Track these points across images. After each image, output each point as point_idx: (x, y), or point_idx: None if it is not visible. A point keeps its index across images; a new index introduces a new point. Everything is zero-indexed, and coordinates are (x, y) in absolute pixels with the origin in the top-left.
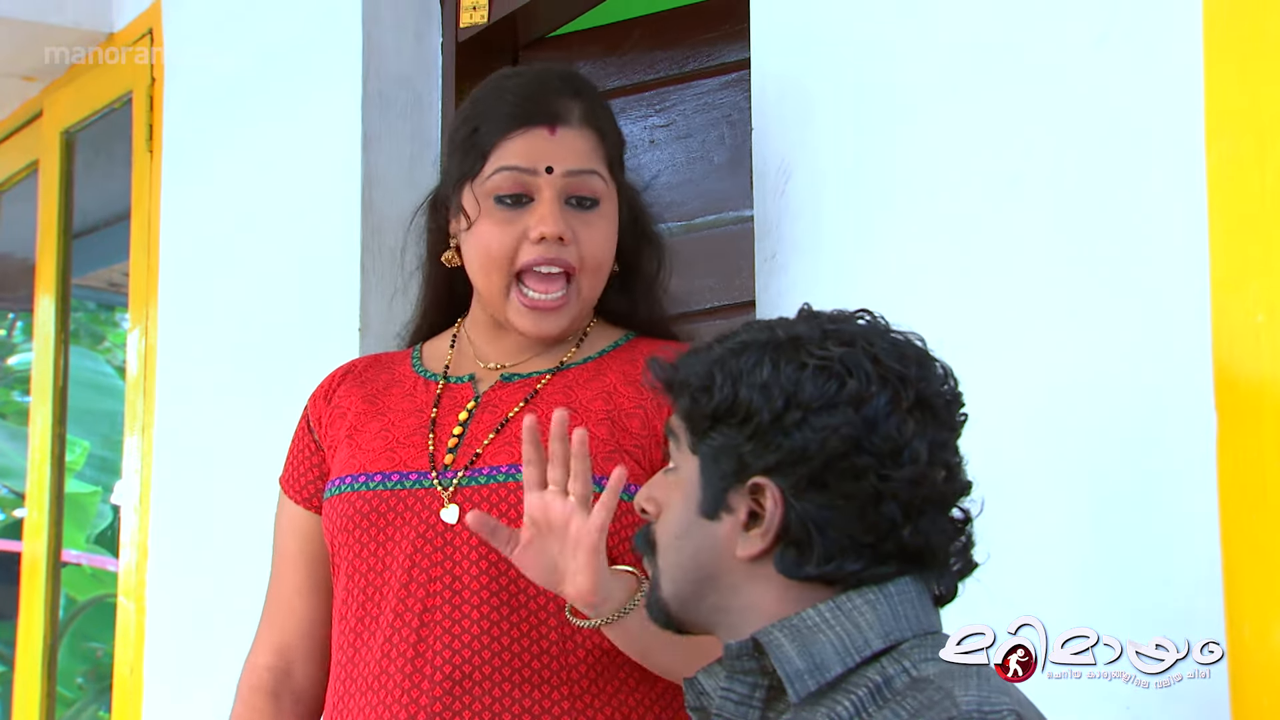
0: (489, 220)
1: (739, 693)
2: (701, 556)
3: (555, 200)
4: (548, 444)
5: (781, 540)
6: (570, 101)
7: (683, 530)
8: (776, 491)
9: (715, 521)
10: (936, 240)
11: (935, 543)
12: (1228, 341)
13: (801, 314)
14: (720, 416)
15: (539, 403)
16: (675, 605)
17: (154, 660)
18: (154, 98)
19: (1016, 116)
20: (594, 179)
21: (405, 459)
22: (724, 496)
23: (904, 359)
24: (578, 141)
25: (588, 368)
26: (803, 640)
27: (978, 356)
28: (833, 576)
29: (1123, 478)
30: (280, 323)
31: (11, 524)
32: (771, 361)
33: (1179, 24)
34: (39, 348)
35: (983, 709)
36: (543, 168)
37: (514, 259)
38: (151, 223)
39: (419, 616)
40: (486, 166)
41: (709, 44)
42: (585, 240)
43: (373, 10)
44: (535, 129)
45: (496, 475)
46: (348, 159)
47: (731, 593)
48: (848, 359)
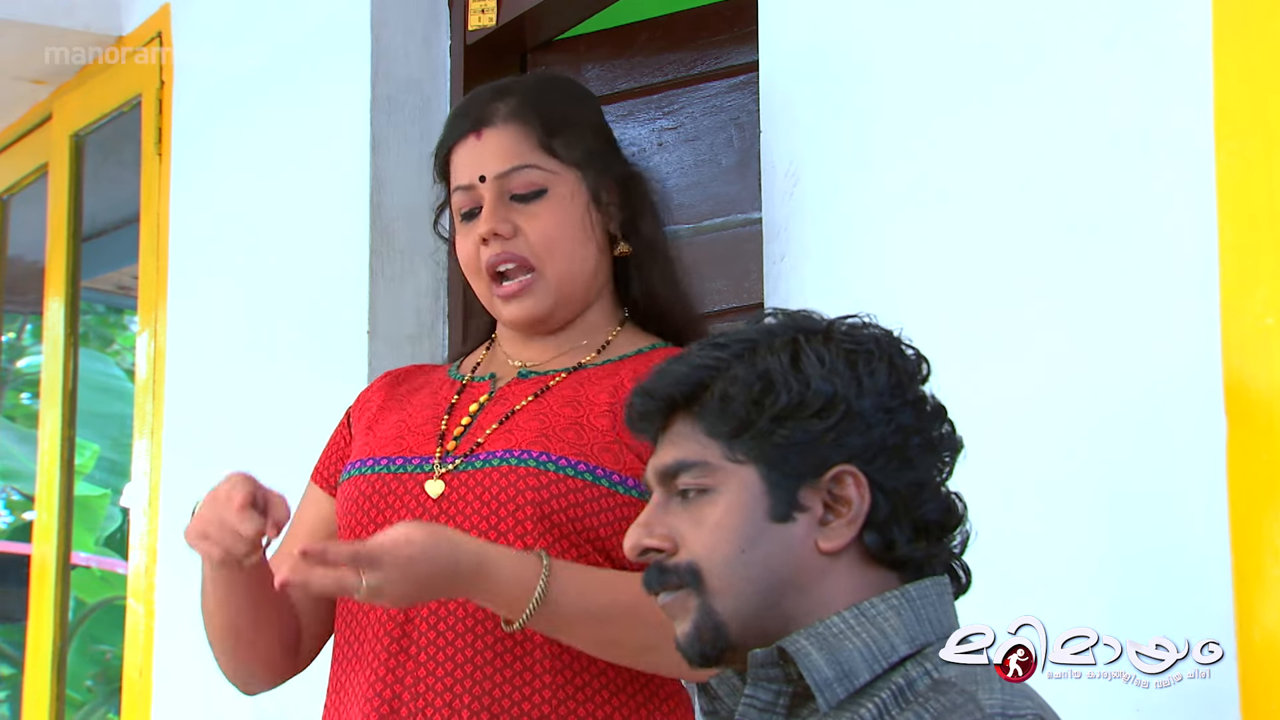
0: (458, 235)
1: (762, 700)
2: (775, 563)
3: (492, 204)
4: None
5: (866, 526)
6: (495, 103)
7: (749, 543)
8: (862, 477)
9: (788, 524)
10: (945, 243)
11: (962, 511)
12: (1237, 344)
13: (761, 318)
14: (789, 413)
15: (548, 397)
16: (737, 625)
17: (163, 662)
18: (163, 101)
19: (1026, 120)
20: (529, 172)
21: (412, 445)
22: (797, 495)
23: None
24: (503, 140)
25: (605, 368)
26: (830, 648)
27: (986, 359)
28: (918, 558)
29: (1132, 481)
30: (289, 325)
31: (21, 526)
32: (817, 353)
33: (1188, 28)
34: (48, 350)
35: (1007, 712)
36: (477, 178)
37: (478, 264)
38: (160, 226)
39: None
40: (450, 188)
41: (717, 46)
42: (531, 232)
43: (381, 14)
44: (465, 140)
45: (492, 460)
46: (356, 162)
47: (803, 593)
48: (881, 341)
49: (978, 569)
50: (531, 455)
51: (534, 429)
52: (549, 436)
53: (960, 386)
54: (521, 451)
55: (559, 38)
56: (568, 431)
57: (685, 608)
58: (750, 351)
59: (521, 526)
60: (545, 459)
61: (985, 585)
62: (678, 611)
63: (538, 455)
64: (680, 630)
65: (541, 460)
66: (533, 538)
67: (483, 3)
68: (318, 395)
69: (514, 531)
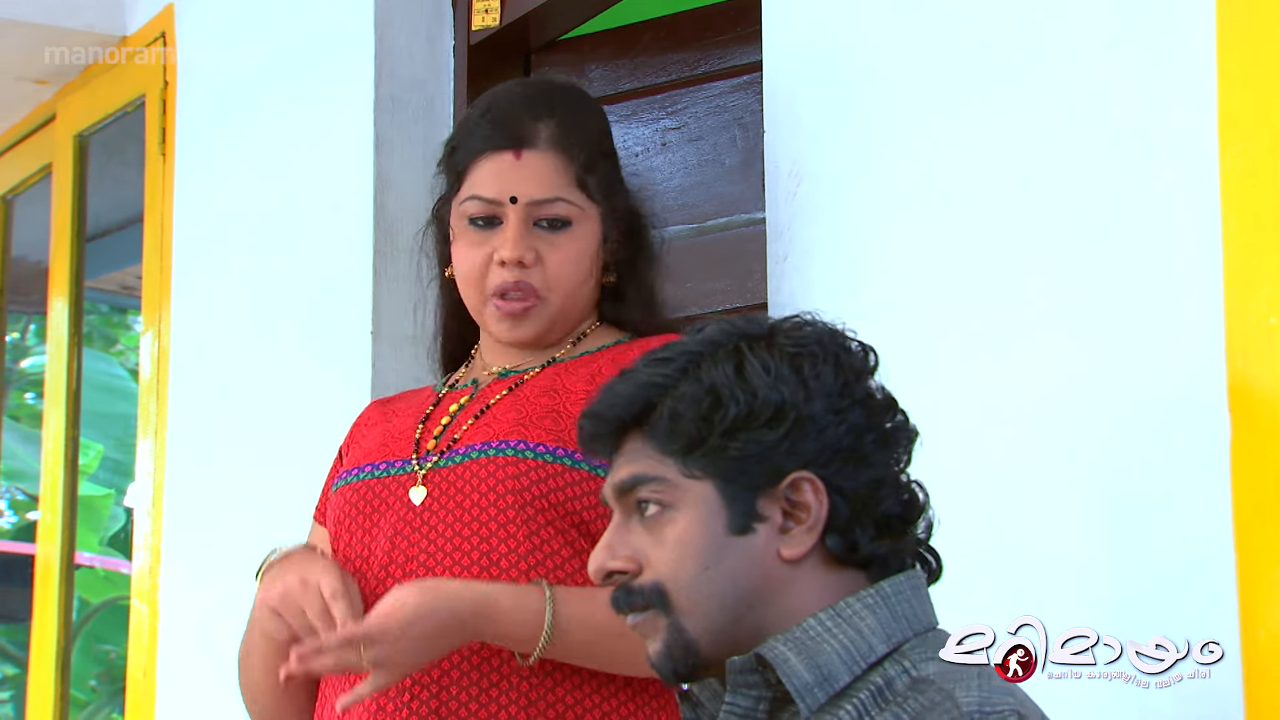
0: (463, 240)
1: (742, 706)
2: (740, 576)
3: (519, 226)
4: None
5: (827, 530)
6: (537, 124)
7: (711, 559)
8: (819, 482)
9: (749, 535)
10: (948, 243)
11: (924, 499)
12: (1241, 344)
13: (701, 328)
14: (739, 426)
15: (524, 389)
16: (708, 641)
17: (167, 662)
18: (167, 101)
19: (1028, 119)
20: (560, 205)
21: (395, 450)
22: (755, 506)
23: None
24: (543, 166)
25: (580, 360)
26: (808, 652)
27: (988, 359)
28: (883, 554)
29: (1136, 481)
30: (293, 326)
31: (25, 526)
32: (761, 361)
33: (1191, 26)
34: (52, 351)
35: (984, 709)
36: (508, 198)
37: (485, 281)
38: (164, 226)
39: None
40: (462, 189)
41: (721, 47)
42: (550, 263)
43: (384, 14)
44: (501, 154)
45: (471, 454)
46: (360, 162)
47: (769, 603)
48: (825, 341)
49: (978, 569)
50: (509, 444)
51: (510, 420)
52: (526, 425)
53: (961, 386)
54: (499, 442)
55: (562, 38)
56: (545, 419)
57: (655, 627)
58: (694, 365)
59: (504, 515)
60: (523, 447)
61: (985, 585)
62: (648, 631)
63: (515, 444)
64: (652, 649)
65: (519, 449)
66: (515, 525)
67: (486, 3)
68: (321, 395)
69: (495, 520)
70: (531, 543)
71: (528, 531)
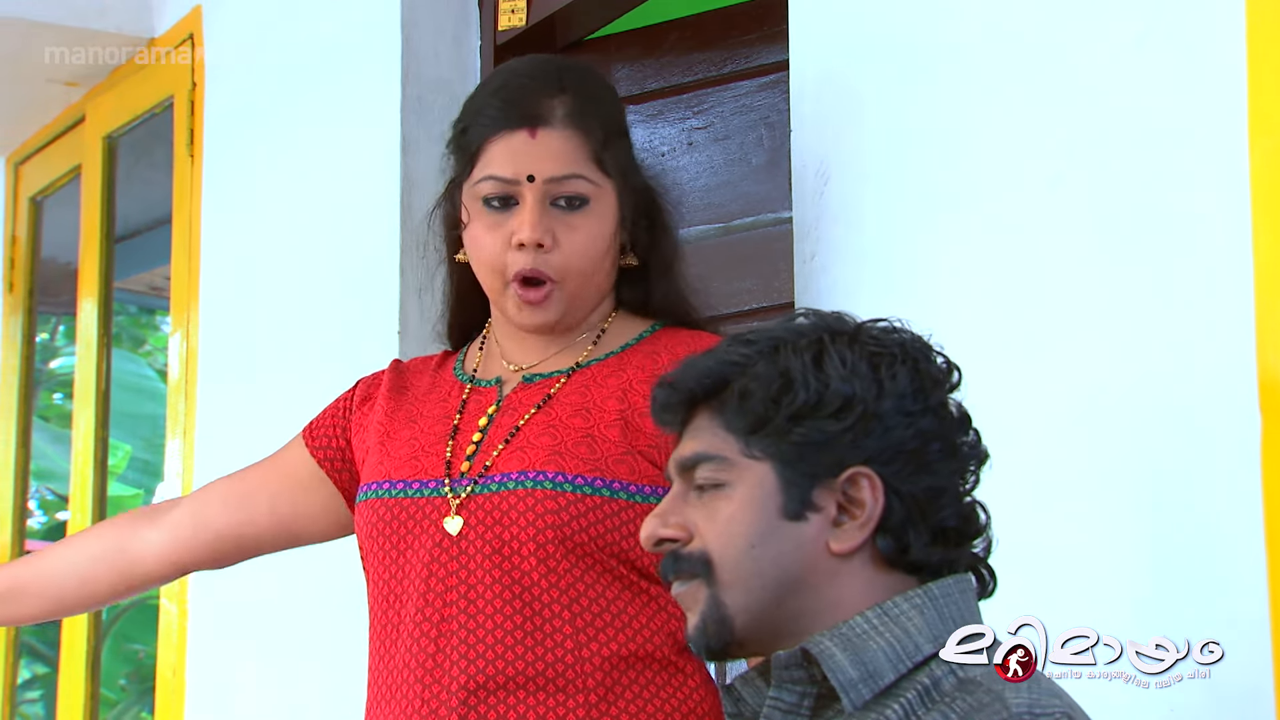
0: (479, 223)
1: (787, 701)
2: (785, 560)
3: (537, 206)
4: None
5: (879, 530)
6: (552, 101)
7: (760, 538)
8: (877, 479)
9: (800, 523)
10: (977, 241)
11: (985, 521)
12: (1272, 342)
13: (794, 318)
14: (806, 413)
15: (553, 406)
16: (744, 619)
17: (196, 661)
18: (195, 102)
19: (1057, 117)
20: (578, 182)
21: (426, 467)
22: (810, 494)
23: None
24: (559, 144)
25: (608, 364)
26: (854, 649)
27: (1018, 358)
28: (935, 562)
29: (1166, 480)
30: (320, 326)
31: (55, 526)
32: (840, 354)
33: (1221, 23)
34: (81, 351)
35: (1034, 711)
36: (524, 176)
37: (503, 264)
38: (192, 227)
39: (436, 626)
40: (475, 170)
41: (747, 45)
42: (567, 244)
43: (411, 14)
44: (516, 132)
45: (507, 483)
46: (387, 162)
47: (811, 593)
48: (907, 346)
49: (1009, 569)
50: (547, 476)
51: (546, 446)
52: (562, 454)
53: (989, 385)
54: (536, 473)
55: (589, 38)
56: (580, 446)
57: (696, 599)
58: (775, 350)
59: (543, 550)
60: (561, 479)
61: (1022, 587)
62: (690, 603)
63: (553, 475)
64: (689, 623)
65: (557, 481)
66: (555, 559)
67: (513, 3)
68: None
69: (535, 555)
70: (572, 575)
71: (567, 565)
